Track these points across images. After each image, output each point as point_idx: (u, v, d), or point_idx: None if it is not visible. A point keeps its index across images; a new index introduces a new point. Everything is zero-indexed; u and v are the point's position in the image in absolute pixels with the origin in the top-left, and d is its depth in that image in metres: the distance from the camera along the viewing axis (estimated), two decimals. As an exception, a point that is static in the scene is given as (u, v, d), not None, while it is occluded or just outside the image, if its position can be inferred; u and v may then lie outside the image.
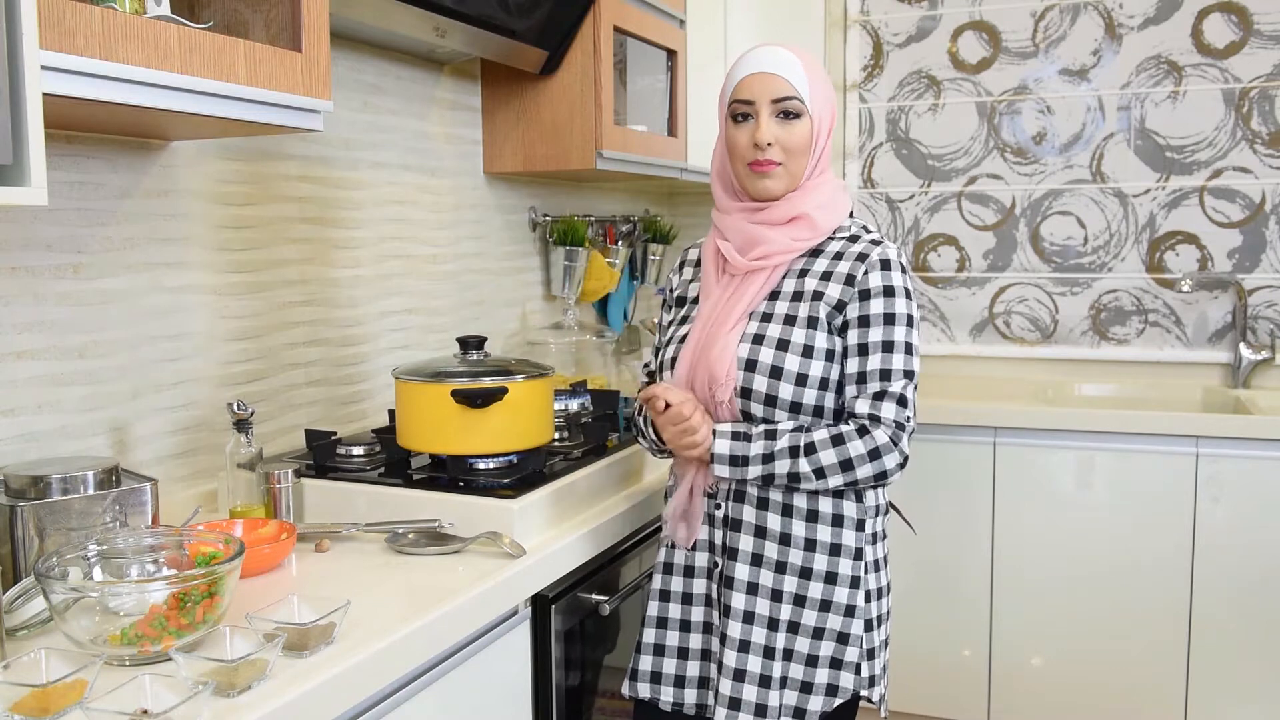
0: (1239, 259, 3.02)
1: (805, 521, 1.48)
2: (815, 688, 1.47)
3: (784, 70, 1.48)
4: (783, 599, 1.47)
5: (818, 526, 1.47)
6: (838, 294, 1.47)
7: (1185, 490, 2.58)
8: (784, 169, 1.49)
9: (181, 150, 1.66)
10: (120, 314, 1.57)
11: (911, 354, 1.47)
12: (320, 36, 1.42)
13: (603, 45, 2.29)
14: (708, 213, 3.60)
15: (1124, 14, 3.07)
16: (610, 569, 1.69)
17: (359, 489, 1.60)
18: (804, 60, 1.50)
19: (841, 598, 1.47)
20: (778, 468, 1.43)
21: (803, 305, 1.49)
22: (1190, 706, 2.61)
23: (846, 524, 1.48)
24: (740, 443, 1.44)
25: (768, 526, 1.48)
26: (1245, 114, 2.98)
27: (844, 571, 1.48)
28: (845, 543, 1.48)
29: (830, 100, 1.53)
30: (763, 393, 1.46)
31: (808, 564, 1.47)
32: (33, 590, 1.16)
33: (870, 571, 1.50)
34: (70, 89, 1.10)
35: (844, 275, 1.48)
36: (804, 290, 1.50)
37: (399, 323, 2.19)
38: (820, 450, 1.42)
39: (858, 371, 1.46)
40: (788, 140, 1.48)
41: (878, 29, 3.31)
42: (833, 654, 1.47)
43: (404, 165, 2.18)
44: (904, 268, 1.48)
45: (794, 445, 1.42)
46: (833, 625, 1.47)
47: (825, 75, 1.54)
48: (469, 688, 1.35)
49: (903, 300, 1.47)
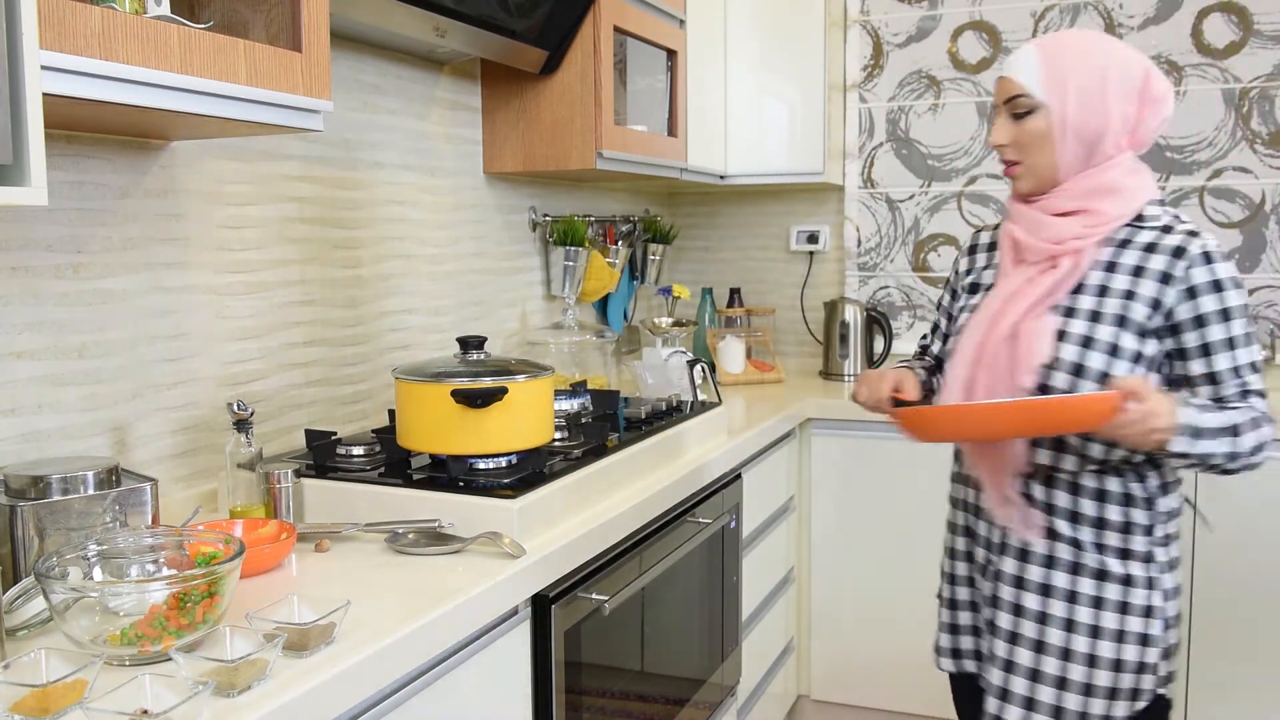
0: (1239, 259, 3.02)
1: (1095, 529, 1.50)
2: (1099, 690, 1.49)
3: (1014, 70, 1.50)
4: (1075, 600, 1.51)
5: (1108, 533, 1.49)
6: (1153, 292, 1.44)
7: (1185, 490, 2.57)
8: (1024, 167, 1.51)
9: (181, 150, 1.66)
10: (120, 314, 1.57)
11: (1252, 344, 1.43)
12: (320, 36, 1.42)
13: (603, 45, 2.29)
14: (708, 213, 3.59)
15: (1124, 14, 3.07)
16: (611, 569, 1.69)
17: (359, 489, 1.60)
18: (1045, 52, 1.48)
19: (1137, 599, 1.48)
20: (1220, 447, 1.40)
21: (1110, 301, 1.45)
22: (1190, 706, 2.61)
23: (1136, 530, 1.49)
24: (1194, 412, 1.38)
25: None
26: (1245, 114, 2.98)
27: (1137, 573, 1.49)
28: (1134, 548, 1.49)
29: (1084, 84, 1.45)
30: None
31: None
32: (33, 590, 1.16)
33: (1165, 572, 1.51)
34: (70, 89, 1.10)
35: (1159, 273, 1.44)
36: (1112, 286, 1.46)
37: (399, 323, 2.19)
38: (1246, 436, 1.41)
39: (1207, 372, 1.43)
40: (1021, 138, 1.49)
41: (878, 29, 3.32)
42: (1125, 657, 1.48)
43: (404, 165, 2.19)
44: (1227, 256, 1.44)
45: (1226, 425, 1.39)
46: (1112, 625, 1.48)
47: (1082, 58, 1.46)
48: (469, 688, 1.35)
49: (1233, 294, 1.42)
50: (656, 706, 1.92)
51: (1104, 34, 1.52)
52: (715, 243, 3.53)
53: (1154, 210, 1.49)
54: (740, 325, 3.36)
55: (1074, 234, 1.46)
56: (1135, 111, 1.47)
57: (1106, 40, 1.49)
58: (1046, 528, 1.51)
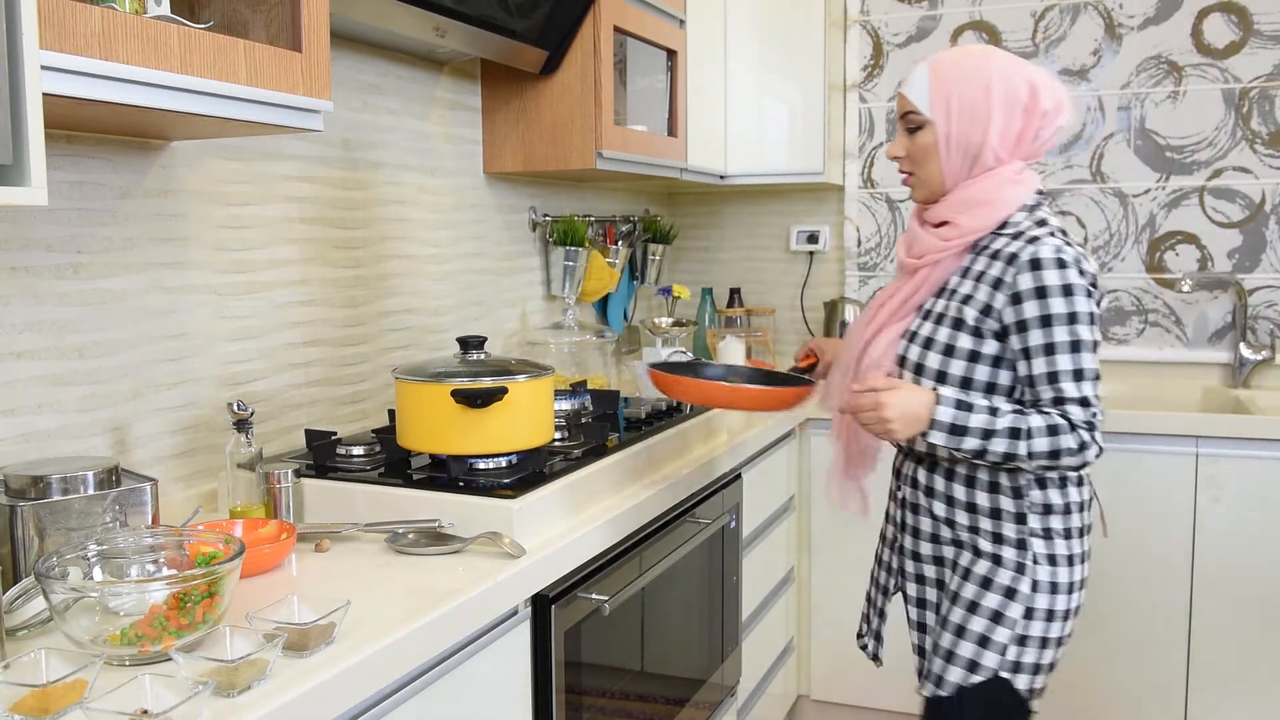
0: (1239, 259, 3.02)
1: (968, 513, 1.59)
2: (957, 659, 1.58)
3: (907, 87, 1.60)
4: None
5: (980, 518, 1.59)
6: (984, 297, 1.52)
7: (1185, 490, 2.58)
8: (917, 178, 1.62)
9: (181, 150, 1.66)
10: (120, 314, 1.57)
11: (1080, 351, 1.46)
12: (320, 36, 1.42)
13: (603, 45, 2.29)
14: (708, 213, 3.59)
15: (1124, 14, 3.07)
16: (611, 569, 1.69)
17: (359, 489, 1.60)
18: (934, 71, 1.57)
19: (1003, 579, 1.55)
20: (996, 446, 1.46)
21: (952, 305, 1.56)
22: (1190, 706, 2.61)
23: (1005, 517, 1.57)
24: (962, 412, 1.47)
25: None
26: (1245, 114, 2.98)
27: (1007, 555, 1.56)
28: (1006, 533, 1.56)
29: (966, 100, 1.54)
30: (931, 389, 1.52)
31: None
32: (33, 590, 1.16)
33: (1042, 563, 1.55)
34: (70, 89, 1.10)
35: (993, 278, 1.51)
36: (959, 291, 1.56)
37: (399, 323, 2.19)
38: (1036, 438, 1.45)
39: (1030, 375, 1.49)
40: (913, 151, 1.60)
41: (878, 29, 3.31)
42: None
43: (404, 165, 2.18)
44: (1061, 263, 1.46)
45: (1015, 428, 1.46)
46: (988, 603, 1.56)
47: (966, 75, 1.55)
48: (469, 688, 1.35)
49: (1058, 300, 1.46)
50: (656, 706, 1.92)
51: (995, 50, 1.58)
52: (715, 243, 3.53)
53: (1019, 217, 1.55)
54: (740, 325, 3.36)
55: (934, 247, 1.57)
56: (1020, 125, 1.54)
57: (995, 57, 1.56)
58: (928, 509, 1.65)
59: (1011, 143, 1.55)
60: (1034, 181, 1.58)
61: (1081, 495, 1.59)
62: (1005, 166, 1.55)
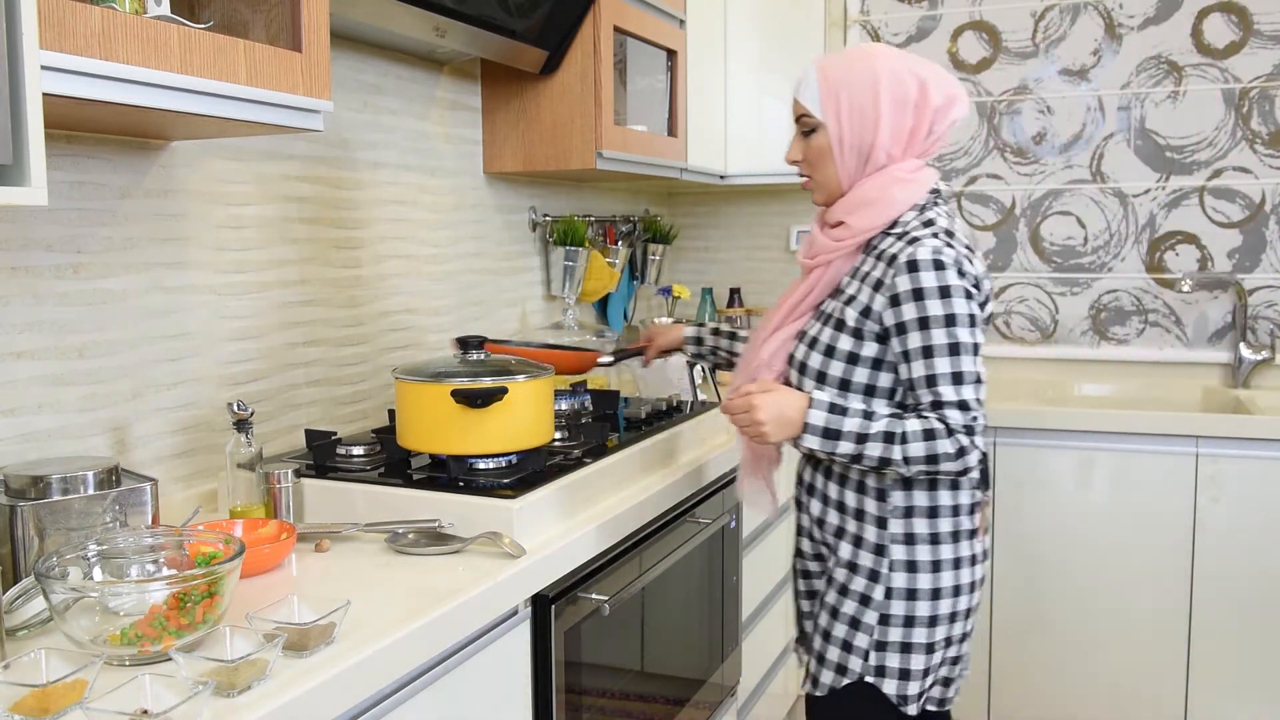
0: (1239, 259, 3.02)
1: (838, 511, 1.59)
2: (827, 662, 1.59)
3: (798, 90, 1.58)
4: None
5: (847, 518, 1.58)
6: (865, 299, 1.50)
7: (1185, 490, 2.58)
8: (815, 181, 1.60)
9: (181, 150, 1.66)
10: (120, 314, 1.57)
11: (959, 354, 1.44)
12: (320, 36, 1.42)
13: (603, 45, 2.29)
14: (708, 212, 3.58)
15: (1124, 14, 3.07)
16: (610, 569, 1.69)
17: (359, 489, 1.60)
18: (822, 72, 1.55)
19: (857, 586, 1.55)
20: (871, 450, 1.45)
21: (836, 305, 1.55)
22: (1190, 706, 2.61)
23: (868, 519, 1.55)
24: (836, 416, 1.46)
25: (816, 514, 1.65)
26: (1245, 114, 2.98)
27: (863, 563, 1.55)
28: (866, 536, 1.55)
29: (855, 101, 1.52)
30: (794, 387, 1.54)
31: None
32: (33, 590, 1.16)
33: (899, 570, 1.53)
34: (70, 89, 1.10)
35: (874, 280, 1.50)
36: (846, 292, 1.55)
37: (399, 323, 2.19)
38: (912, 442, 1.43)
39: (909, 378, 1.47)
40: (808, 154, 1.58)
41: (878, 29, 3.31)
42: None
43: (404, 165, 2.18)
44: (939, 264, 1.44)
45: (889, 433, 1.44)
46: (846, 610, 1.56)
47: (854, 75, 1.53)
48: (469, 688, 1.35)
49: (935, 302, 1.43)
50: (656, 706, 1.92)
51: (881, 47, 1.56)
52: (715, 243, 3.53)
53: (909, 217, 1.53)
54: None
55: (826, 248, 1.56)
56: (911, 122, 1.52)
57: (881, 55, 1.54)
58: (807, 506, 1.67)
59: (904, 140, 1.53)
60: (927, 180, 1.55)
61: (957, 499, 1.54)
62: (897, 165, 1.53)
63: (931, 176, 1.56)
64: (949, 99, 1.53)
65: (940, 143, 1.56)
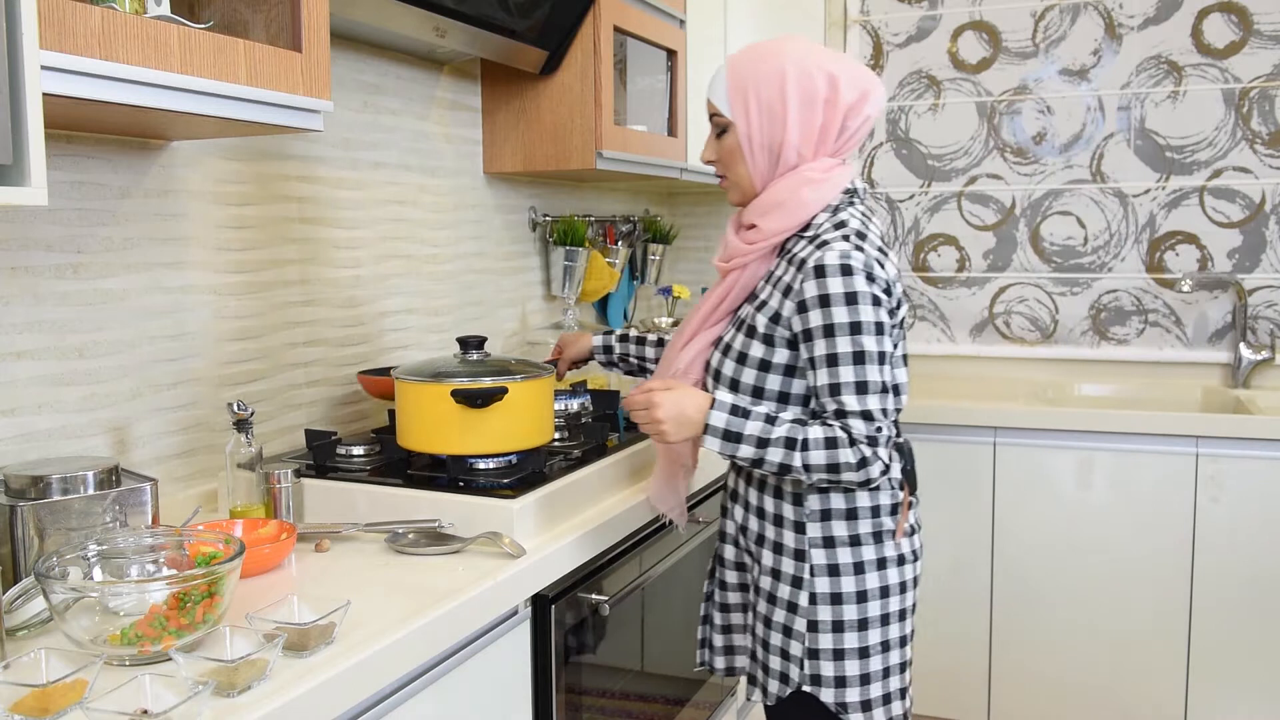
0: (1239, 259, 3.02)
1: (758, 518, 1.57)
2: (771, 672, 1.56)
3: (709, 89, 1.55)
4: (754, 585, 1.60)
5: (766, 524, 1.56)
6: (775, 304, 1.46)
7: (1185, 490, 2.58)
8: (729, 181, 1.57)
9: (181, 150, 1.66)
10: (120, 314, 1.57)
11: (864, 363, 1.39)
12: (320, 36, 1.42)
13: (603, 45, 2.29)
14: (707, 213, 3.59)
15: (1124, 14, 3.07)
16: (610, 569, 1.69)
17: (359, 489, 1.60)
18: (731, 70, 1.51)
19: (783, 593, 1.52)
20: (772, 456, 1.41)
21: (749, 311, 1.51)
22: (1190, 706, 2.61)
23: (786, 525, 1.52)
24: (737, 419, 1.43)
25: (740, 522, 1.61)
26: (1245, 114, 2.98)
27: (785, 569, 1.52)
28: (785, 542, 1.53)
29: (763, 98, 1.48)
30: (710, 393, 1.49)
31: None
32: (33, 590, 1.16)
33: (818, 575, 1.49)
34: (70, 89, 1.10)
35: (784, 285, 1.46)
36: (759, 297, 1.51)
37: (399, 323, 2.19)
38: (813, 450, 1.40)
39: (815, 385, 1.44)
40: (721, 154, 1.55)
41: (878, 29, 3.32)
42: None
43: (404, 165, 2.18)
44: (847, 269, 1.39)
45: (790, 438, 1.41)
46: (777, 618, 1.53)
47: (761, 72, 1.48)
48: (469, 688, 1.35)
49: (841, 309, 1.39)
50: (656, 706, 1.92)
51: (791, 42, 1.51)
52: (715, 243, 3.52)
53: (822, 218, 1.48)
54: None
55: (739, 251, 1.52)
56: (821, 120, 1.47)
57: (789, 49, 1.49)
58: (730, 512, 1.64)
59: (814, 138, 1.48)
60: (841, 180, 1.49)
61: (876, 500, 1.51)
62: (809, 165, 1.49)
63: (845, 175, 1.51)
64: (862, 94, 1.48)
65: (856, 139, 1.51)
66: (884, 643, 1.50)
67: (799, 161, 1.49)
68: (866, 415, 1.40)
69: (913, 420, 2.78)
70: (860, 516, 1.50)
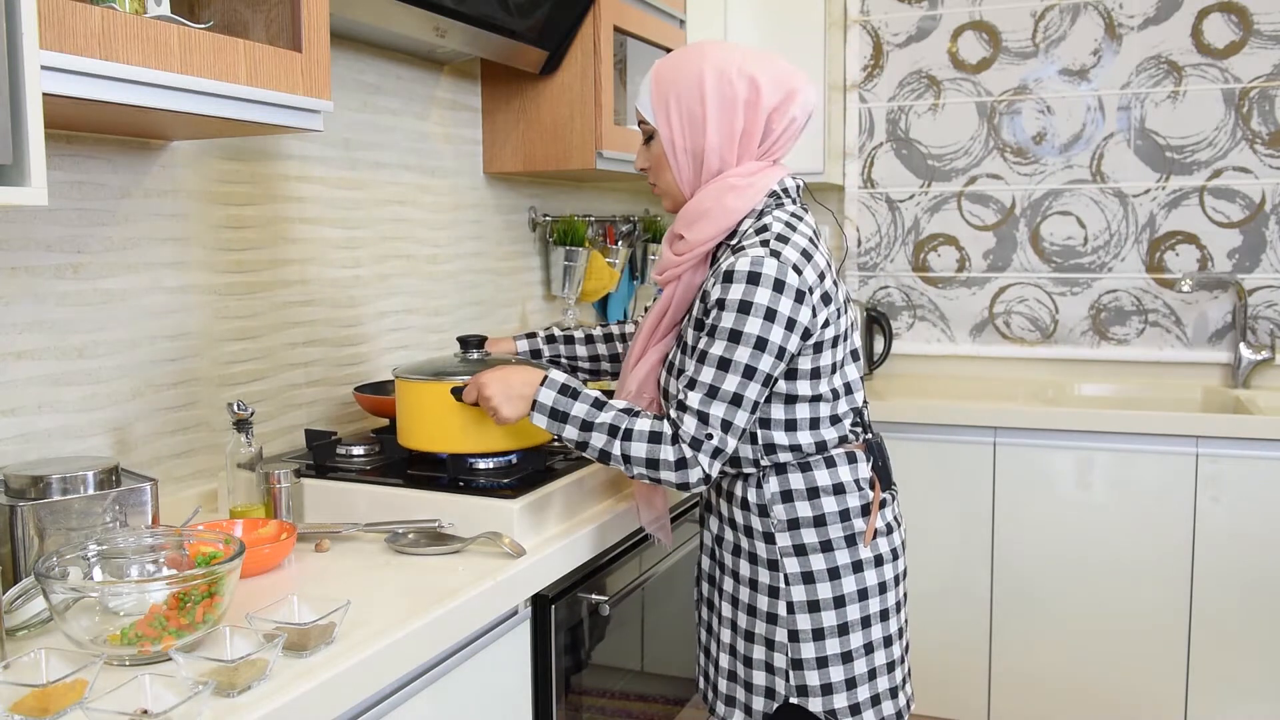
0: (1239, 259, 3.02)
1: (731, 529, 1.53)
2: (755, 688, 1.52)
3: (637, 98, 1.53)
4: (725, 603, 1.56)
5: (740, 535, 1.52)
6: (699, 312, 1.44)
7: (1185, 490, 2.58)
8: (660, 188, 1.54)
9: (181, 150, 1.66)
10: (120, 314, 1.57)
11: (727, 370, 1.36)
12: (320, 36, 1.42)
13: (603, 45, 2.29)
14: (708, 213, 3.45)
15: (1124, 14, 3.07)
16: (610, 569, 1.69)
17: (359, 489, 1.60)
18: (655, 76, 1.50)
19: (762, 605, 1.49)
20: (595, 441, 1.41)
21: (685, 326, 1.48)
22: (1190, 706, 2.61)
23: (756, 535, 1.50)
24: (565, 398, 1.43)
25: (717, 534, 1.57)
26: (1245, 114, 2.98)
27: (761, 579, 1.49)
28: (759, 553, 1.50)
29: (683, 103, 1.46)
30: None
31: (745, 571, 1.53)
32: (33, 590, 1.16)
33: (794, 584, 1.47)
34: (70, 89, 1.10)
35: (705, 292, 1.43)
36: (693, 310, 1.48)
37: (399, 323, 2.19)
38: (635, 441, 1.39)
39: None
40: (650, 161, 1.53)
41: (878, 29, 3.32)
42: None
43: (404, 165, 2.18)
44: (753, 277, 1.35)
45: (614, 426, 1.40)
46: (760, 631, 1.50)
47: (681, 78, 1.46)
48: (469, 688, 1.35)
49: (730, 315, 1.36)
50: (656, 706, 1.92)
51: (712, 45, 1.49)
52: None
53: (746, 225, 1.46)
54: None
55: (670, 262, 1.49)
56: (742, 123, 1.44)
57: (710, 53, 1.46)
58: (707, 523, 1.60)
59: (735, 142, 1.45)
60: (766, 182, 1.46)
61: (844, 504, 1.47)
62: (733, 170, 1.46)
63: (773, 177, 1.47)
64: (787, 95, 1.44)
65: (785, 141, 1.48)
66: (867, 645, 1.48)
67: (722, 166, 1.46)
68: (703, 418, 1.37)
69: (913, 420, 2.78)
70: (829, 522, 1.47)
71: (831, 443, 1.47)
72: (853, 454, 1.49)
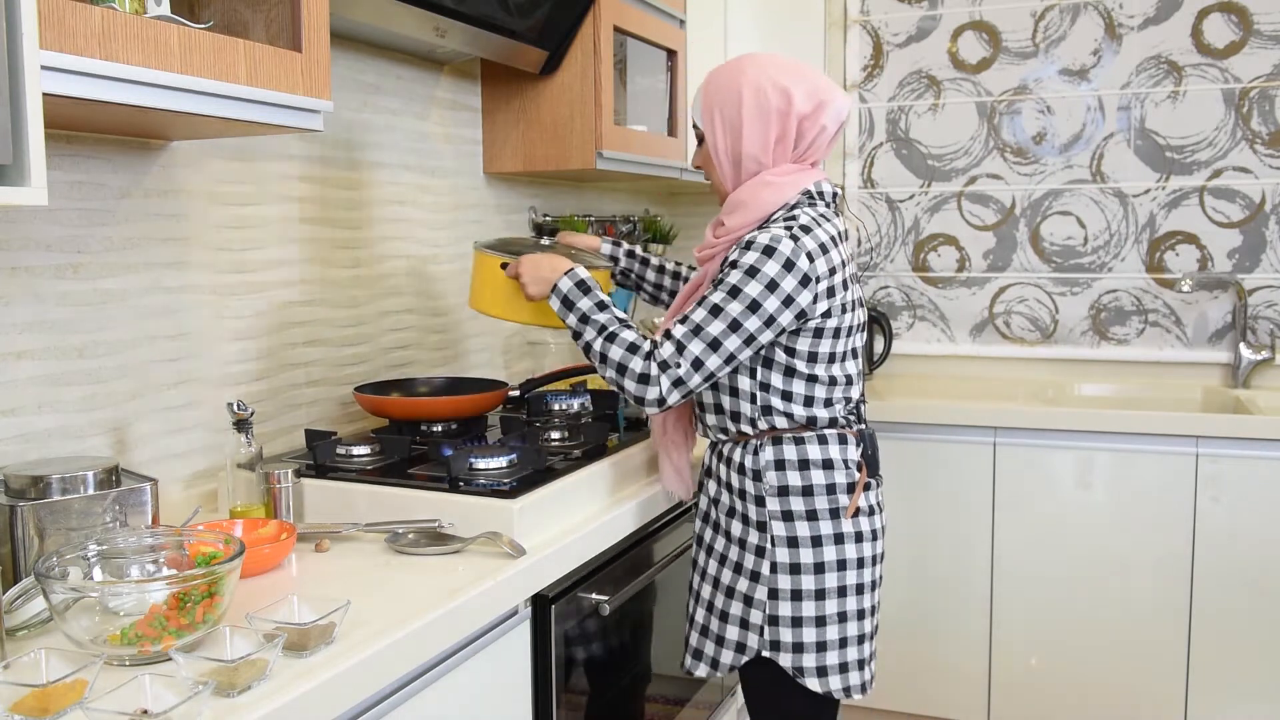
0: (1239, 259, 3.02)
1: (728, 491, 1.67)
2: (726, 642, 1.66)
3: (692, 108, 1.71)
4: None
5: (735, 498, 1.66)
6: (716, 275, 1.59)
7: (1185, 490, 2.58)
8: (711, 183, 1.72)
9: (181, 150, 1.66)
10: (120, 314, 1.57)
11: (717, 318, 1.51)
12: (320, 36, 1.42)
13: (603, 45, 2.29)
14: (707, 213, 3.58)
15: (1124, 14, 3.07)
16: (610, 569, 1.69)
17: (359, 489, 1.60)
18: (704, 86, 1.68)
19: (748, 563, 1.63)
20: (586, 334, 1.59)
21: None
22: (1190, 706, 2.61)
23: (748, 499, 1.63)
24: (579, 292, 1.60)
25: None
26: (1245, 114, 2.98)
27: (750, 540, 1.63)
28: (750, 515, 1.63)
29: (725, 113, 1.62)
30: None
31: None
32: (33, 590, 1.16)
33: (779, 546, 1.60)
34: (70, 89, 1.10)
35: (727, 258, 1.58)
36: None
37: (399, 322, 2.19)
38: (615, 345, 1.56)
39: None
40: (701, 160, 1.72)
41: (878, 29, 3.32)
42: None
43: (404, 165, 2.19)
44: (769, 250, 1.50)
45: (604, 326, 1.58)
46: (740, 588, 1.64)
47: (722, 89, 1.63)
48: (469, 688, 1.35)
49: (739, 275, 1.51)
50: (656, 706, 1.92)
51: (751, 59, 1.65)
52: (715, 243, 3.52)
53: (777, 215, 1.60)
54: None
55: (709, 244, 1.66)
56: (776, 130, 1.61)
57: (748, 66, 1.63)
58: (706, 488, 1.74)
59: (770, 147, 1.61)
60: (799, 183, 1.61)
61: (832, 478, 1.61)
62: (770, 170, 1.62)
63: (808, 179, 1.62)
64: (818, 105, 1.60)
65: (820, 145, 1.64)
66: (841, 614, 1.61)
67: (759, 168, 1.63)
68: (680, 348, 1.53)
69: (913, 420, 2.78)
70: (816, 493, 1.61)
71: (822, 421, 1.61)
72: (844, 436, 1.63)
